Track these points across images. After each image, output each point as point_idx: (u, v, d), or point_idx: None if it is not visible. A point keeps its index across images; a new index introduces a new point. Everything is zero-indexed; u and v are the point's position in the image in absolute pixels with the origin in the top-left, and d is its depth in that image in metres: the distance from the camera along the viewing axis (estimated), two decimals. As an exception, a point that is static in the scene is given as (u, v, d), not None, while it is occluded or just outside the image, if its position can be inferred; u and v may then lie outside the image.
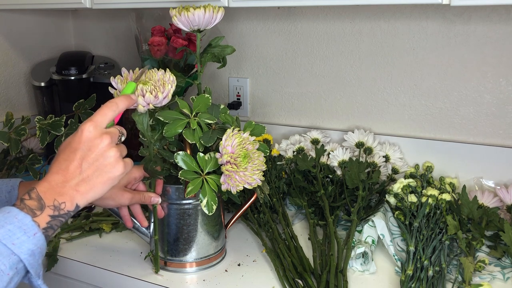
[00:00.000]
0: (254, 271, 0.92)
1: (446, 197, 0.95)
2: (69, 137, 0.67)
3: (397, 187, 1.00)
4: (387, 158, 1.17)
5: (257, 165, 0.81)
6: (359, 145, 1.18)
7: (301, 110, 1.35)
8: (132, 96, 0.73)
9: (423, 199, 0.96)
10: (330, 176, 1.14)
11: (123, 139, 0.71)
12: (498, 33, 1.08)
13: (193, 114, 0.81)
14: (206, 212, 0.78)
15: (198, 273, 0.91)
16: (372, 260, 0.91)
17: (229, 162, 0.78)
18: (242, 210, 0.95)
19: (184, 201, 0.88)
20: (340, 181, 1.11)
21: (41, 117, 1.09)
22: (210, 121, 0.82)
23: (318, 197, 1.09)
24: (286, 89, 1.36)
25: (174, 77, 0.79)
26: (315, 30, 1.28)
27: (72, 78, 1.41)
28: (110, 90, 0.78)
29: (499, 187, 1.05)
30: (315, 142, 1.23)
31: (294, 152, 1.21)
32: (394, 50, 1.20)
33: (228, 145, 0.78)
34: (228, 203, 1.13)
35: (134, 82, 0.75)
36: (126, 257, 0.97)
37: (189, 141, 0.80)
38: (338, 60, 1.27)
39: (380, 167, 1.14)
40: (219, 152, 0.79)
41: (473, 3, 0.91)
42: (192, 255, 0.91)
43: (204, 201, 0.78)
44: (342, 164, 1.13)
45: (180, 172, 0.78)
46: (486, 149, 1.13)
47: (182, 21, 0.85)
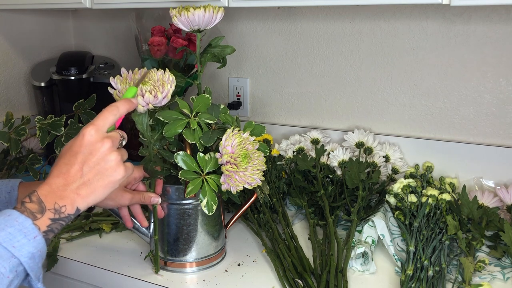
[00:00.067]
0: (254, 271, 0.92)
1: (446, 197, 0.95)
2: (71, 141, 0.67)
3: (397, 187, 1.00)
4: (387, 158, 1.17)
5: (257, 165, 0.81)
6: (359, 145, 1.18)
7: (301, 110, 1.35)
8: (133, 100, 0.73)
9: (423, 199, 0.96)
10: (330, 176, 1.14)
11: (124, 143, 0.71)
12: (498, 33, 1.08)
13: (193, 114, 0.81)
14: (206, 212, 0.78)
15: (198, 273, 0.91)
16: (372, 260, 0.91)
17: (229, 162, 0.78)
18: (242, 210, 0.95)
19: (184, 201, 0.88)
20: (340, 181, 1.11)
21: (41, 117, 1.09)
22: (210, 121, 0.82)
23: (318, 197, 1.09)
24: (286, 89, 1.36)
25: (174, 77, 0.79)
26: (315, 30, 1.28)
27: (72, 78, 1.41)
28: (110, 90, 0.78)
29: (499, 187, 1.05)
30: (315, 142, 1.23)
31: (294, 152, 1.21)
32: (394, 50, 1.20)
33: (228, 145, 0.78)
34: (228, 203, 1.13)
35: (135, 87, 0.75)
36: (126, 257, 0.97)
37: (189, 141, 0.80)
38: (338, 60, 1.27)
39: (380, 167, 1.14)
40: (219, 152, 0.79)
41: (473, 3, 0.91)
42: (192, 255, 0.91)
43: (204, 201, 0.78)
44: (342, 164, 1.13)
45: (180, 172, 0.78)
46: (486, 149, 1.13)
47: (182, 21, 0.85)
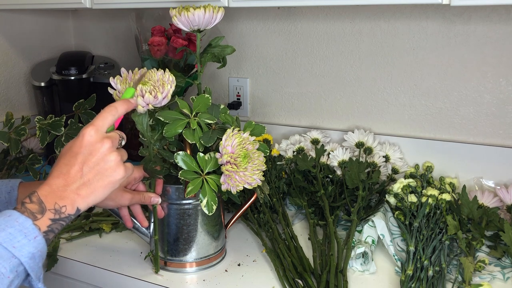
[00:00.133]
0: (254, 271, 0.92)
1: (446, 197, 0.95)
2: (70, 142, 0.67)
3: (397, 187, 1.00)
4: (387, 158, 1.17)
5: (257, 165, 0.81)
6: (359, 145, 1.17)
7: (301, 110, 1.35)
8: (131, 100, 0.73)
9: (423, 199, 0.96)
10: (330, 176, 1.14)
11: (123, 143, 0.71)
12: (498, 33, 1.08)
13: (193, 114, 0.81)
14: (206, 212, 0.78)
15: (198, 273, 0.91)
16: (372, 260, 0.91)
17: (229, 162, 0.78)
18: (242, 210, 0.95)
19: (184, 201, 0.88)
20: (340, 181, 1.11)
21: (41, 117, 1.09)
22: (210, 121, 0.82)
23: (318, 197, 1.08)
24: (286, 89, 1.36)
25: (174, 77, 0.79)
26: (315, 30, 1.28)
27: (72, 78, 1.41)
28: (110, 91, 0.78)
29: (499, 187, 1.05)
30: (315, 142, 1.23)
31: (294, 152, 1.21)
32: (394, 50, 1.20)
33: (228, 145, 0.78)
34: (228, 203, 1.13)
35: (134, 88, 0.75)
36: (126, 257, 0.97)
37: (189, 141, 0.80)
38: (338, 60, 1.27)
39: (380, 167, 1.14)
40: (219, 152, 0.79)
41: (473, 3, 0.91)
42: (192, 255, 0.91)
43: (204, 201, 0.78)
44: (342, 164, 1.13)
45: (180, 172, 0.78)
46: (486, 149, 1.13)
47: (182, 21, 0.85)
